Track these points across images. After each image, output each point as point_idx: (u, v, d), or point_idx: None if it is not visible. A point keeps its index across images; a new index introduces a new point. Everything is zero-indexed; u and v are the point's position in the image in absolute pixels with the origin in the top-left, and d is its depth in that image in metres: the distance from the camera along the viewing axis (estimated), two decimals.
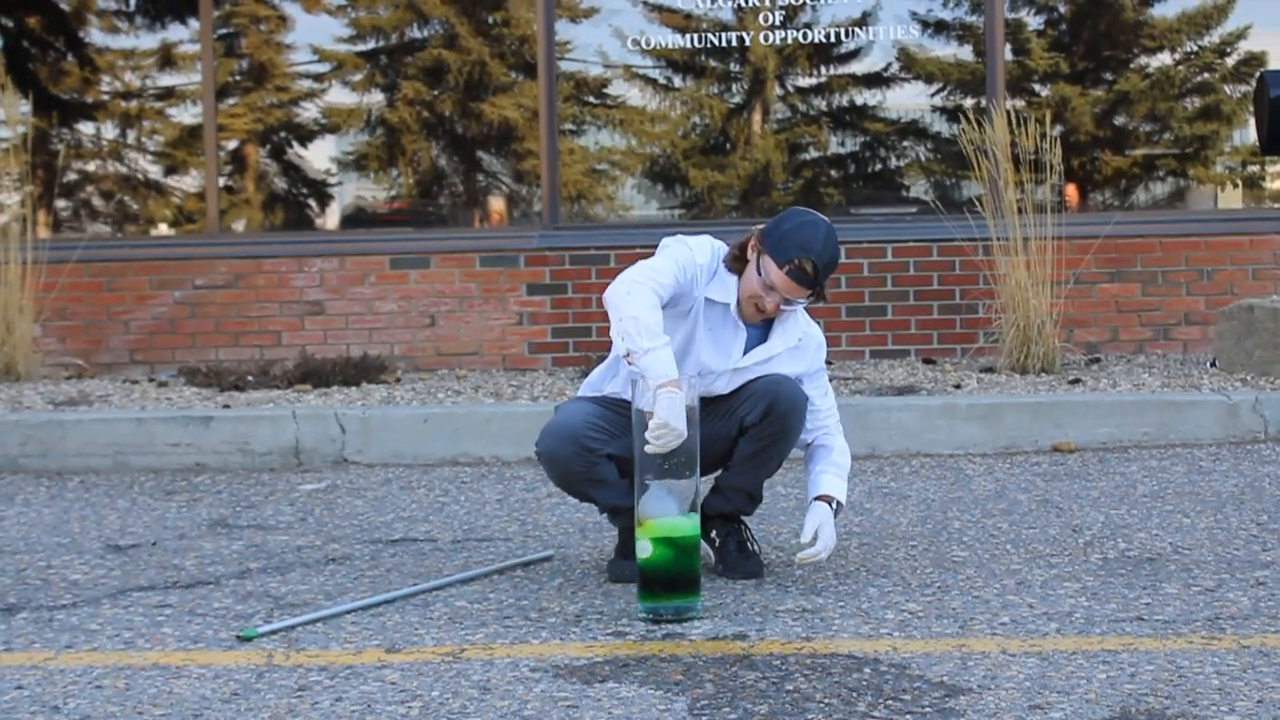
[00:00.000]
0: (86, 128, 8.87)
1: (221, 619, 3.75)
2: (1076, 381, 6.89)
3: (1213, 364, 7.27)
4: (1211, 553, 4.21)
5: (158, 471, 6.04)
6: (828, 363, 4.27)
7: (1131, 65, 8.62)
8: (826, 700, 3.00)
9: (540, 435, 4.02)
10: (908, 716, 2.90)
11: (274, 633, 3.58)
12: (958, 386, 6.79)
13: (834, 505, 4.04)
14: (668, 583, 3.63)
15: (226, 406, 6.57)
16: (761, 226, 3.96)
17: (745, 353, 4.00)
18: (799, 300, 3.91)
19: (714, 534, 4.09)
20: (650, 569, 3.63)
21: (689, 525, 3.66)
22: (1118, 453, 5.91)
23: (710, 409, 3.99)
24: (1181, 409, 6.17)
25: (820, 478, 4.12)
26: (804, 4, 8.52)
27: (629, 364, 3.70)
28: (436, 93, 8.78)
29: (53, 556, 4.53)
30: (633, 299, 3.69)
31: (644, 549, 3.64)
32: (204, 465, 6.10)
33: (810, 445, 4.18)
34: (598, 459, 3.93)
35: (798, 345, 4.07)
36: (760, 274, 3.86)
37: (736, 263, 3.97)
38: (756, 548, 4.18)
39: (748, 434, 4.02)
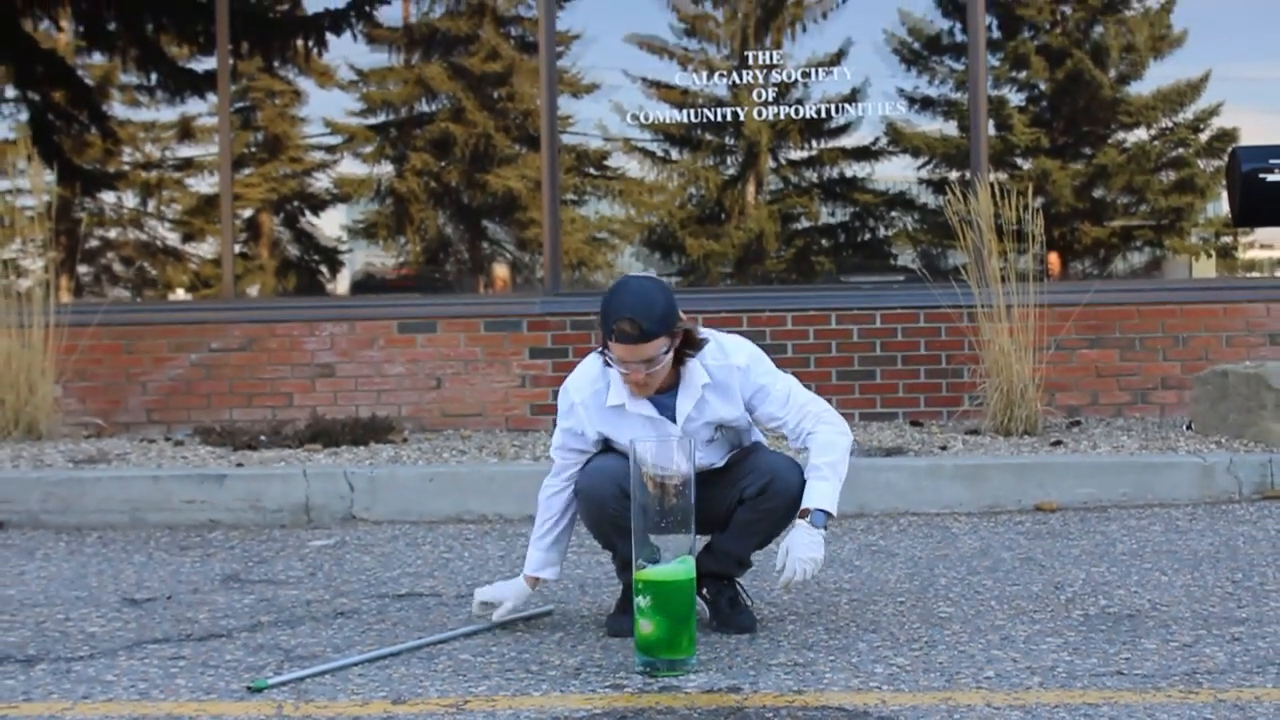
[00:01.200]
0: (108, 196, 8.92)
1: (233, 671, 3.74)
2: (1058, 444, 6.90)
3: (1189, 427, 7.28)
4: (1188, 609, 4.20)
5: (173, 528, 6.03)
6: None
7: (1109, 140, 8.69)
8: None
9: (582, 474, 4.03)
10: None
11: (284, 684, 3.57)
12: (944, 448, 6.80)
13: (810, 517, 3.92)
14: (664, 639, 3.63)
15: (240, 465, 6.57)
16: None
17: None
18: (651, 358, 3.78)
19: (705, 591, 4.08)
20: (646, 624, 3.64)
21: (684, 574, 3.66)
22: (1098, 512, 5.91)
23: (717, 478, 4.03)
24: (1159, 470, 6.17)
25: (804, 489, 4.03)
26: (795, 81, 8.58)
27: None
28: (443, 164, 8.83)
29: (71, 609, 4.52)
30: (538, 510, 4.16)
31: (641, 602, 3.65)
32: (217, 522, 6.09)
33: (800, 450, 4.14)
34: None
35: (713, 386, 3.97)
36: (613, 360, 3.86)
37: (606, 360, 3.94)
38: (749, 602, 4.18)
39: (745, 504, 4.03)
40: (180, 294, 8.88)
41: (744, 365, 4.01)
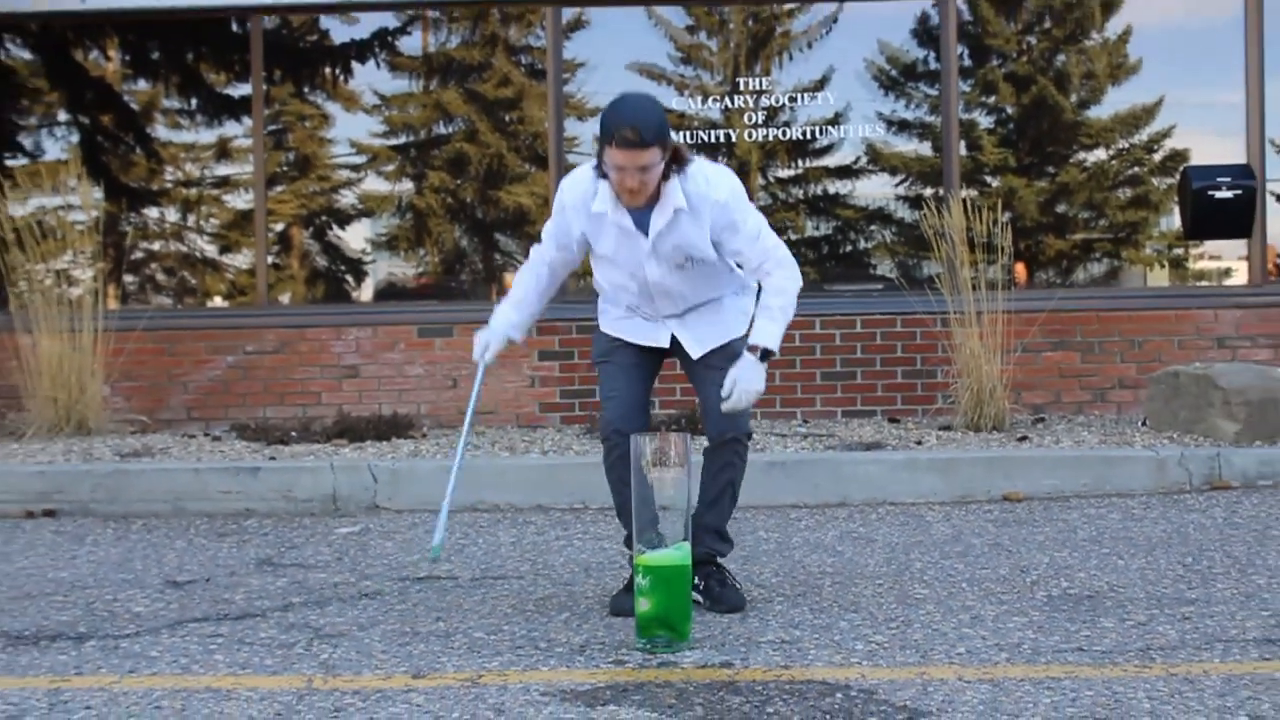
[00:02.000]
0: (151, 212, 8.92)
1: (267, 648, 3.75)
2: (1024, 439, 6.91)
3: (1143, 423, 7.28)
4: (1143, 591, 4.21)
5: (211, 516, 6.04)
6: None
7: (1071, 160, 8.69)
8: None
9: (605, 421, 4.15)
10: None
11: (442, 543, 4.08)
12: (919, 443, 6.80)
13: (759, 353, 3.99)
14: (662, 617, 3.64)
15: (272, 459, 6.57)
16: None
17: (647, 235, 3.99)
18: (646, 165, 3.79)
19: (696, 579, 4.08)
20: (645, 602, 3.65)
21: (681, 559, 3.67)
22: (1060, 502, 5.92)
23: (701, 369, 4.16)
24: (1116, 463, 6.18)
25: (751, 328, 4.11)
26: (783, 105, 8.59)
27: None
28: (459, 182, 8.84)
29: (118, 591, 4.53)
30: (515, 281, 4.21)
31: (642, 583, 3.66)
32: (252, 510, 6.11)
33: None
34: None
35: (687, 210, 3.95)
36: (609, 166, 3.84)
37: (599, 170, 3.95)
38: (738, 584, 4.18)
39: (707, 457, 4.17)
40: (218, 301, 8.88)
41: (723, 201, 3.97)
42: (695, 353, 4.16)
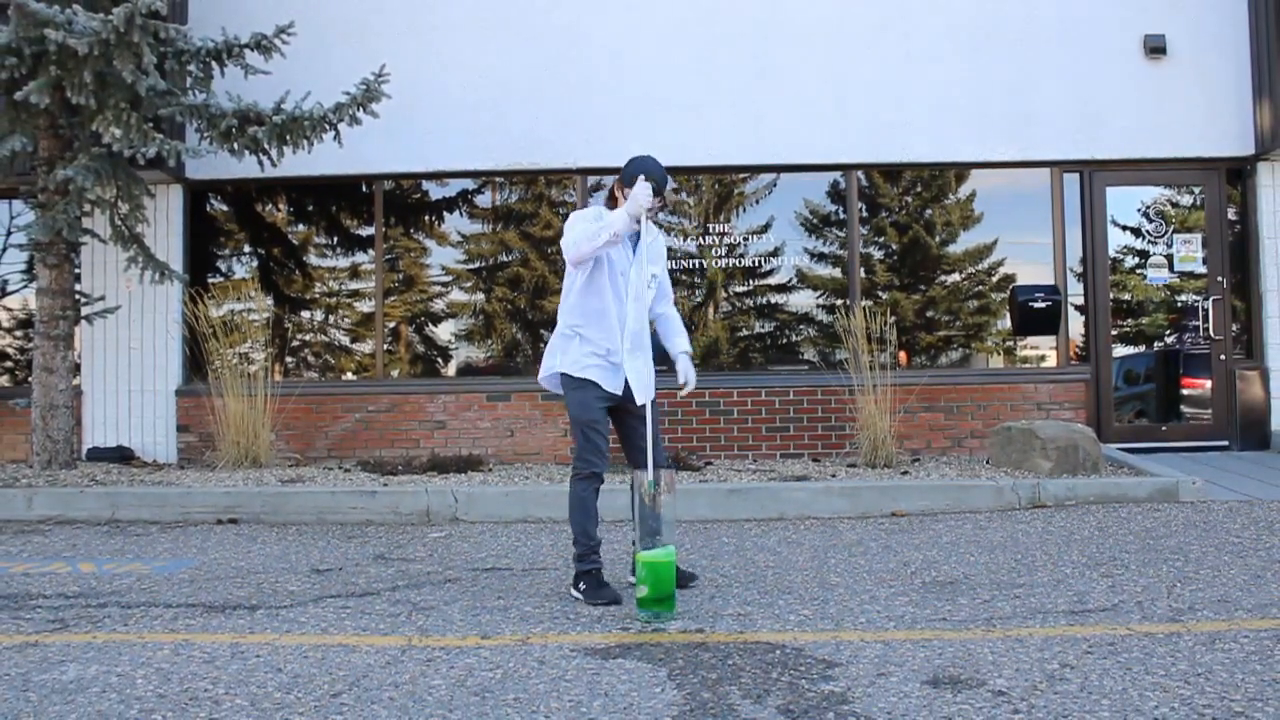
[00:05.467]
0: (305, 314, 8.98)
1: (380, 616, 3.76)
2: (906, 472, 6.92)
3: (987, 462, 7.30)
4: (987, 578, 4.22)
5: (343, 524, 6.06)
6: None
7: (936, 280, 8.77)
8: (753, 669, 3.01)
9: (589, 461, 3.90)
10: (803, 680, 2.91)
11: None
12: (833, 476, 6.81)
13: (689, 355, 4.15)
14: (654, 598, 3.65)
15: (385, 485, 6.58)
16: (617, 178, 4.00)
17: (634, 250, 3.99)
18: (657, 204, 3.86)
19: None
20: (643, 588, 3.66)
21: (667, 557, 3.69)
22: (930, 517, 5.93)
23: (629, 412, 4.00)
24: (969, 490, 6.20)
25: (677, 340, 4.19)
26: (739, 242, 8.68)
27: (614, 239, 3.76)
28: (515, 294, 8.91)
29: (278, 576, 4.55)
30: (589, 236, 3.79)
31: (641, 574, 3.67)
32: (371, 521, 6.12)
33: (659, 315, 4.23)
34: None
35: (657, 239, 4.10)
36: (633, 197, 3.79)
37: (612, 202, 4.03)
38: (687, 568, 4.22)
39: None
40: (349, 375, 8.93)
41: (664, 244, 4.22)
42: (641, 399, 3.92)
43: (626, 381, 3.97)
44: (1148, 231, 8.59)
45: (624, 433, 4.07)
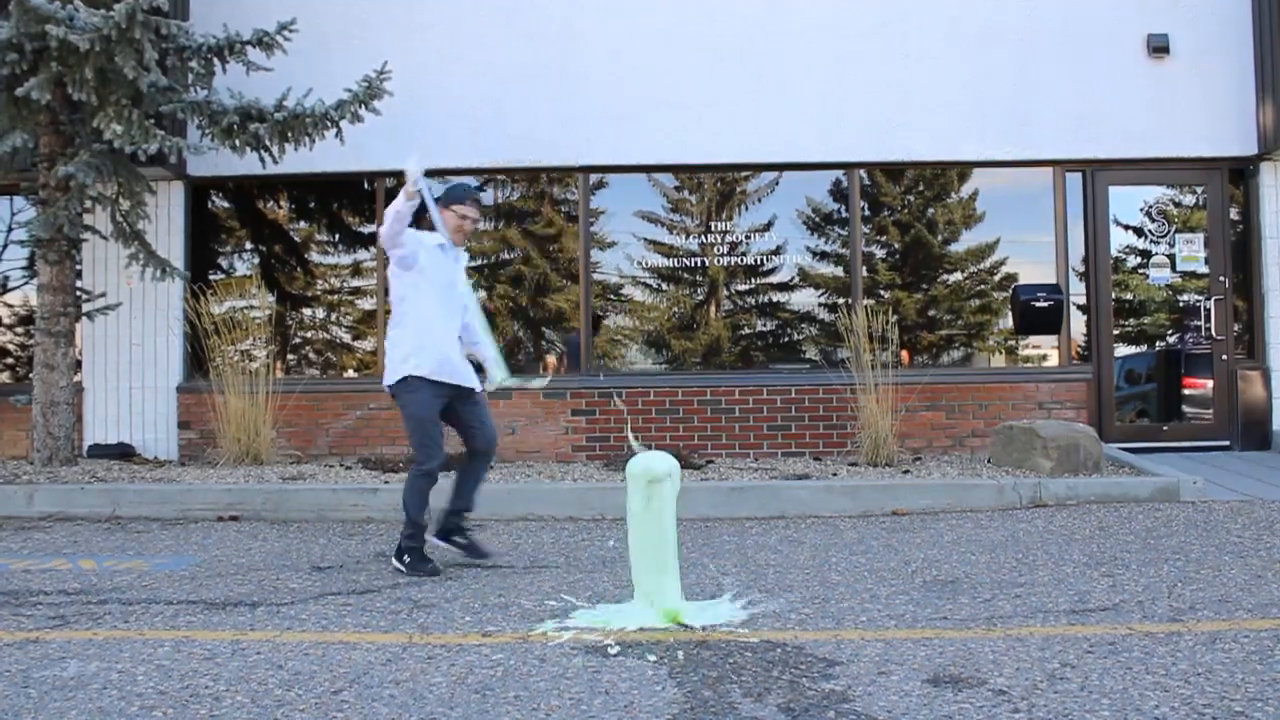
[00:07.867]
0: (306, 311, 8.98)
1: (381, 614, 3.76)
2: (907, 472, 6.92)
3: (989, 461, 7.30)
4: (988, 577, 4.22)
5: (344, 521, 6.05)
6: None
7: (938, 280, 8.77)
8: (754, 668, 3.01)
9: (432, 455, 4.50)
10: (803, 678, 2.91)
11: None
12: (835, 474, 6.81)
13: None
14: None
15: (386, 482, 6.58)
16: (440, 196, 4.57)
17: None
18: (478, 216, 4.61)
19: (457, 537, 4.67)
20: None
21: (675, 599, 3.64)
22: (931, 516, 5.93)
23: (467, 414, 4.58)
24: (970, 489, 6.20)
25: (488, 349, 4.72)
26: (741, 241, 8.68)
27: (407, 199, 4.26)
28: (517, 292, 8.91)
29: (280, 572, 4.55)
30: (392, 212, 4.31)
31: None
32: (372, 518, 6.11)
33: (468, 326, 4.69)
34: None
35: (465, 253, 4.69)
36: (454, 215, 4.55)
37: (417, 224, 4.53)
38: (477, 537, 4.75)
39: (479, 457, 4.63)
40: (350, 373, 8.93)
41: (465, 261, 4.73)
42: (478, 387, 4.54)
43: (457, 375, 4.52)
44: (1150, 231, 8.59)
45: (458, 420, 4.63)
